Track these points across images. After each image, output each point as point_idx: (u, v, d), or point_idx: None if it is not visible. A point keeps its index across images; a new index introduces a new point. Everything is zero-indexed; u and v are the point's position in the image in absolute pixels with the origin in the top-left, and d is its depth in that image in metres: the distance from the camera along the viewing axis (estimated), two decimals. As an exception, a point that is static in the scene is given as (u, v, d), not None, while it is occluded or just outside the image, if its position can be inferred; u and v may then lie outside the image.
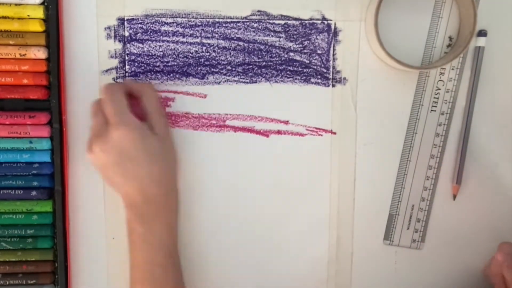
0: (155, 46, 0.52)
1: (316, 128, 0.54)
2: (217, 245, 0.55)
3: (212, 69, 0.53)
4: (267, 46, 0.53)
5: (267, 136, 0.54)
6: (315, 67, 0.53)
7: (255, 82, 0.53)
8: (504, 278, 0.48)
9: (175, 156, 0.51)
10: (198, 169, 0.54)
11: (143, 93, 0.50)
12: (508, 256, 0.48)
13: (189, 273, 0.54)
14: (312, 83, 0.53)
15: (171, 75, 0.53)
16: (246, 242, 0.55)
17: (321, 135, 0.54)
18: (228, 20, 0.52)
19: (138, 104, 0.49)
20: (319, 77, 0.53)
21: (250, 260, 0.55)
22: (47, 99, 0.51)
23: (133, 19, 0.52)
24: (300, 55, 0.53)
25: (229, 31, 0.52)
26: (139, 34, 0.52)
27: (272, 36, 0.52)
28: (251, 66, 0.53)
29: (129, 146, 0.47)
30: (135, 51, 0.52)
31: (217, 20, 0.52)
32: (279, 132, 0.54)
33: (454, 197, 0.54)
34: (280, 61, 0.53)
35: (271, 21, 0.52)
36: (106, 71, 0.53)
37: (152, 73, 0.53)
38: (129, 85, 0.50)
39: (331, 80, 0.53)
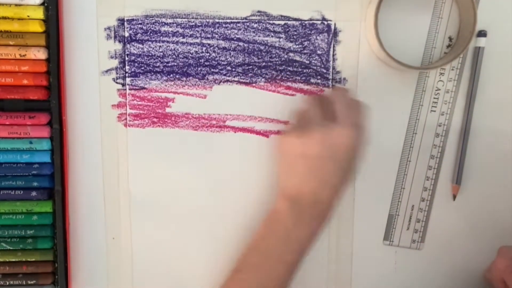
0: (155, 47, 0.52)
1: (316, 129, 0.54)
2: (216, 245, 0.55)
3: (212, 70, 0.53)
4: (267, 47, 0.53)
5: (267, 136, 0.54)
6: (315, 67, 0.53)
7: (255, 82, 0.53)
8: (506, 284, 0.48)
9: (354, 173, 0.51)
10: (198, 169, 0.54)
11: (359, 108, 0.49)
12: (508, 262, 0.48)
13: (189, 273, 0.54)
14: (312, 83, 0.53)
15: (171, 75, 0.53)
16: (245, 241, 0.55)
17: (321, 136, 0.54)
18: (228, 20, 0.52)
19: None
20: (319, 77, 0.53)
21: (250, 260, 0.55)
22: (47, 99, 0.51)
23: (133, 20, 0.52)
24: (300, 55, 0.53)
25: (229, 31, 0.52)
26: (139, 34, 0.52)
27: (272, 36, 0.52)
28: (251, 67, 0.53)
29: (344, 149, 0.46)
30: (135, 52, 0.52)
31: (217, 20, 0.52)
32: (279, 132, 0.54)
33: (454, 197, 0.54)
34: (280, 62, 0.53)
35: (271, 22, 0.52)
36: (106, 71, 0.53)
37: (152, 73, 0.53)
38: (351, 95, 0.50)
39: (331, 80, 0.53)
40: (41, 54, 0.50)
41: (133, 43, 0.52)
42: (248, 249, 0.50)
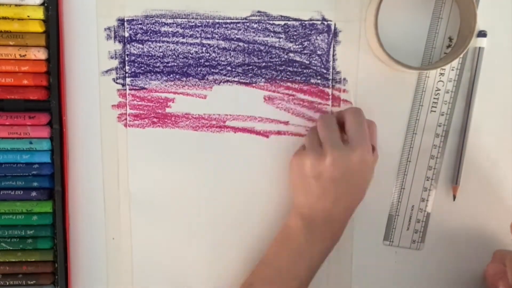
0: (155, 47, 0.52)
1: (316, 129, 0.54)
2: (216, 245, 0.55)
3: (212, 70, 0.53)
4: (267, 47, 0.53)
5: (267, 136, 0.54)
6: (315, 67, 0.53)
7: (255, 82, 0.53)
8: None
9: (365, 191, 0.51)
10: (198, 169, 0.54)
11: (371, 128, 0.50)
12: (500, 267, 0.49)
13: (189, 273, 0.54)
14: (312, 83, 0.53)
15: (171, 75, 0.53)
16: (246, 242, 0.55)
17: (321, 136, 0.54)
18: (228, 20, 0.52)
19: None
20: (319, 77, 0.53)
21: (250, 260, 0.55)
22: (47, 99, 0.51)
23: (133, 20, 0.52)
24: (300, 55, 0.53)
25: (229, 31, 0.52)
26: (139, 34, 0.52)
27: (272, 36, 0.52)
28: (251, 67, 0.53)
29: (357, 170, 0.48)
30: (135, 52, 0.52)
31: (217, 20, 0.52)
32: (279, 132, 0.54)
33: (454, 197, 0.54)
34: (280, 62, 0.53)
35: (271, 22, 0.52)
36: (106, 71, 0.53)
37: (152, 73, 0.53)
38: (364, 119, 0.50)
39: (331, 80, 0.53)
40: (41, 54, 0.50)
41: (133, 43, 0.52)
42: (261, 263, 0.51)
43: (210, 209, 0.54)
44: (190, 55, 0.53)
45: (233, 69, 0.53)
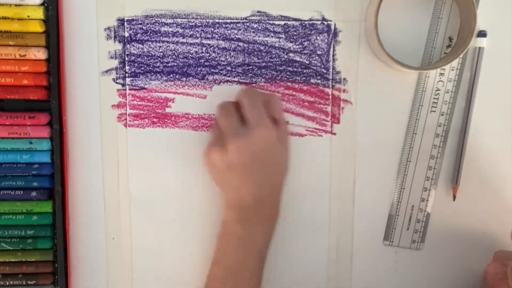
0: (155, 47, 0.52)
1: (316, 129, 0.54)
2: (214, 244, 0.55)
3: (212, 70, 0.53)
4: (267, 47, 0.53)
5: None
6: (315, 67, 0.53)
7: (255, 82, 0.53)
8: None
9: (288, 165, 0.51)
10: (198, 169, 0.54)
11: (271, 101, 0.50)
12: (499, 268, 0.49)
13: (189, 273, 0.54)
14: (312, 83, 0.53)
15: (171, 75, 0.53)
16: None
17: (321, 136, 0.54)
18: (228, 20, 0.52)
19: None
20: (319, 77, 0.53)
21: (250, 260, 0.55)
22: (47, 99, 0.51)
23: (133, 20, 0.52)
24: (300, 55, 0.53)
25: (229, 31, 0.52)
26: (139, 34, 0.52)
27: (272, 36, 0.52)
28: (251, 67, 0.53)
29: (263, 148, 0.47)
30: (135, 52, 0.52)
31: (217, 20, 0.52)
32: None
33: (454, 197, 0.54)
34: (280, 62, 0.53)
35: (271, 22, 0.52)
36: (106, 71, 0.53)
37: (152, 73, 0.53)
38: (260, 93, 0.51)
39: (331, 80, 0.53)
40: (41, 54, 0.50)
41: (133, 43, 0.52)
42: (212, 265, 0.51)
43: (210, 209, 0.54)
44: (190, 55, 0.53)
45: (233, 69, 0.53)
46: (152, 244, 0.54)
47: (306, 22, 0.52)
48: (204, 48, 0.53)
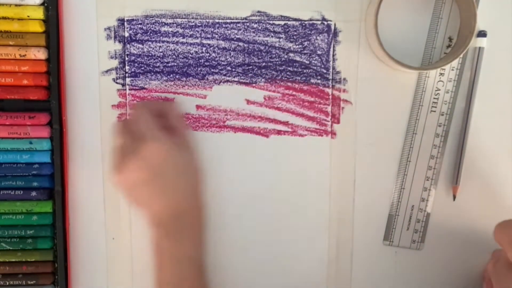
0: (155, 47, 0.52)
1: (316, 129, 0.54)
2: (215, 245, 0.55)
3: (212, 70, 0.53)
4: (267, 47, 0.53)
5: (267, 136, 0.54)
6: (315, 67, 0.53)
7: (255, 82, 0.53)
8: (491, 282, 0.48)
9: (200, 170, 0.51)
10: (198, 169, 0.54)
11: (166, 110, 0.50)
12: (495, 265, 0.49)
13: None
14: (312, 83, 0.53)
15: (171, 75, 0.53)
16: (245, 242, 0.55)
17: (321, 136, 0.54)
18: (228, 20, 0.52)
19: (164, 122, 0.49)
20: (319, 77, 0.53)
21: (250, 260, 0.55)
22: (47, 99, 0.51)
23: (133, 20, 0.52)
24: (300, 55, 0.53)
25: (229, 31, 0.52)
26: (139, 34, 0.52)
27: (272, 36, 0.52)
28: (251, 67, 0.53)
29: (160, 161, 0.46)
30: (135, 52, 0.52)
31: (217, 20, 0.52)
32: (279, 132, 0.54)
33: (454, 197, 0.54)
34: (280, 62, 0.53)
35: (271, 22, 0.52)
36: (106, 71, 0.53)
37: (152, 73, 0.53)
38: (152, 104, 0.50)
39: (331, 80, 0.53)
40: (41, 54, 0.50)
41: (133, 43, 0.52)
42: (155, 285, 0.49)
43: (209, 209, 0.54)
44: (190, 55, 0.53)
45: (233, 69, 0.53)
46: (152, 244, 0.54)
47: (306, 22, 0.52)
48: (204, 48, 0.53)
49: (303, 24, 0.52)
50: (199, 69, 0.53)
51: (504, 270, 0.45)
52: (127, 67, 0.53)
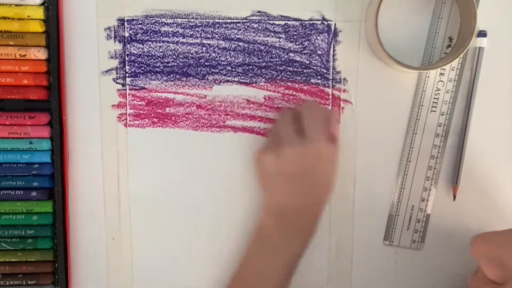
0: (155, 47, 0.52)
1: (316, 129, 0.54)
2: (216, 245, 0.55)
3: (212, 70, 0.53)
4: (267, 47, 0.53)
5: (267, 136, 0.54)
6: (315, 67, 0.53)
7: (255, 82, 0.53)
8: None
9: (334, 185, 0.51)
10: (198, 169, 0.54)
11: (330, 118, 0.50)
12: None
13: (189, 273, 0.54)
14: (312, 83, 0.53)
15: (171, 75, 0.53)
16: (246, 241, 0.55)
17: (321, 136, 0.54)
18: (228, 20, 0.52)
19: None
20: (319, 77, 0.53)
21: (250, 260, 0.55)
22: (47, 99, 0.51)
23: (133, 20, 0.52)
24: (300, 55, 0.53)
25: (229, 31, 0.52)
26: (139, 34, 0.52)
27: (272, 36, 0.52)
28: (251, 67, 0.53)
29: (315, 162, 0.48)
30: (135, 52, 0.52)
31: (217, 20, 0.52)
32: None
33: (454, 197, 0.54)
34: (280, 62, 0.53)
35: (271, 22, 0.52)
36: (106, 71, 0.53)
37: (152, 73, 0.53)
38: (323, 108, 0.52)
39: (331, 80, 0.53)
40: (41, 54, 0.50)
41: (133, 43, 0.52)
42: (240, 267, 0.51)
43: (210, 209, 0.54)
44: (190, 55, 0.53)
45: (233, 69, 0.53)
46: (152, 244, 0.54)
47: (306, 22, 0.52)
48: (204, 48, 0.53)
49: (303, 24, 0.52)
50: (199, 69, 0.53)
51: (481, 283, 0.45)
52: (127, 67, 0.53)
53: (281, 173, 0.48)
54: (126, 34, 0.52)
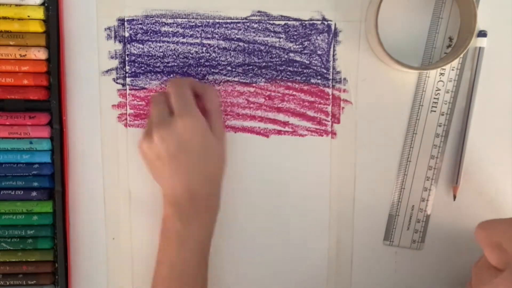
0: (155, 47, 0.52)
1: (316, 129, 0.54)
2: (215, 244, 0.55)
3: (212, 70, 0.53)
4: (267, 47, 0.53)
5: (267, 136, 0.54)
6: (315, 67, 0.53)
7: (255, 82, 0.53)
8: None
9: (225, 159, 0.51)
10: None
11: (206, 92, 0.50)
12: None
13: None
14: (312, 83, 0.53)
15: (171, 75, 0.53)
16: (244, 242, 0.55)
17: (321, 136, 0.54)
18: (228, 20, 0.52)
19: (199, 103, 0.49)
20: (319, 77, 0.53)
21: (249, 259, 0.55)
22: (47, 99, 0.51)
23: (133, 20, 0.52)
24: (300, 55, 0.53)
25: (229, 31, 0.52)
26: (139, 34, 0.52)
27: (272, 36, 0.52)
28: (251, 67, 0.53)
29: (190, 137, 0.46)
30: (135, 52, 0.52)
31: (217, 20, 0.52)
32: (279, 132, 0.54)
33: (454, 197, 0.54)
34: (280, 62, 0.53)
35: (271, 22, 0.52)
36: (106, 71, 0.53)
37: (152, 73, 0.53)
38: (194, 83, 0.50)
39: (331, 80, 0.53)
40: (41, 54, 0.50)
41: (133, 43, 0.52)
42: (156, 264, 0.50)
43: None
44: (190, 55, 0.53)
45: (233, 69, 0.53)
46: (152, 244, 0.54)
47: (306, 22, 0.52)
48: (204, 48, 0.53)
49: (303, 24, 0.52)
50: (199, 69, 0.53)
51: (484, 269, 0.45)
52: (127, 67, 0.53)
53: (159, 157, 0.47)
54: (126, 34, 0.52)
